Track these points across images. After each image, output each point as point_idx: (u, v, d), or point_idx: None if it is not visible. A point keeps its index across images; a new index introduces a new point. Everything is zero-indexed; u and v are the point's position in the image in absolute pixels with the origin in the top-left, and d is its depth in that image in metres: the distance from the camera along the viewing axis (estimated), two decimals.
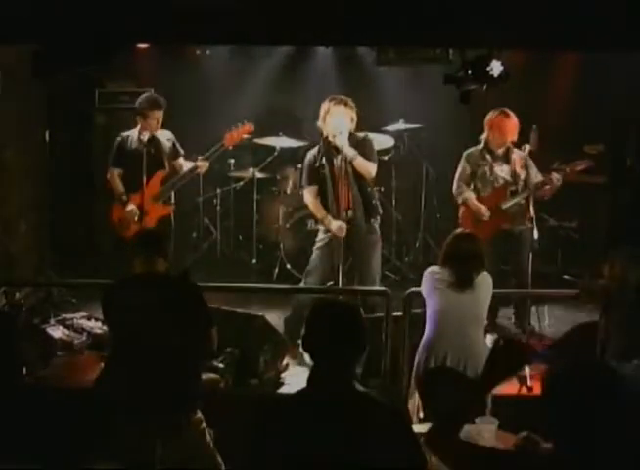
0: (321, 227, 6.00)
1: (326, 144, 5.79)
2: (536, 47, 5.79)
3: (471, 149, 6.22)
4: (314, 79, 8.21)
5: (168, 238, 6.24)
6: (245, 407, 3.98)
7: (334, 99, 5.75)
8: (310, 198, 5.95)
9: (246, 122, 6.50)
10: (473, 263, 4.50)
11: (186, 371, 3.91)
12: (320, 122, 5.77)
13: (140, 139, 6.24)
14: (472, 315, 4.49)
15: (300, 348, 2.81)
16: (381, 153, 6.24)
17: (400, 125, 7.76)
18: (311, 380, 2.77)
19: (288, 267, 7.39)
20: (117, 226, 6.36)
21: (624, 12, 4.17)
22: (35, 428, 4.68)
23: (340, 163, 5.70)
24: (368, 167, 5.79)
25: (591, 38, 4.37)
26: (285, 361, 5.50)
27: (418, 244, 8.01)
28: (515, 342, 3.13)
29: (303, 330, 2.82)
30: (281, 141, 7.88)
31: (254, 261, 7.85)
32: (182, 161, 6.51)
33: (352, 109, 5.75)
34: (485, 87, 4.76)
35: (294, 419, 2.71)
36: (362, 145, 5.80)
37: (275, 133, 7.88)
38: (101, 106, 7.73)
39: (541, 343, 5.72)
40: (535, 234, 5.75)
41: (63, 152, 7.85)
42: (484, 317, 4.58)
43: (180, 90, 7.48)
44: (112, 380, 3.97)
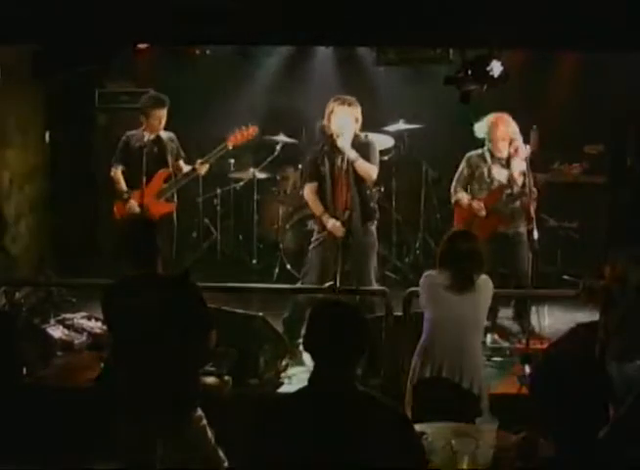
0: (316, 227, 6.02)
1: (329, 143, 5.80)
2: (536, 47, 5.80)
3: (473, 151, 6.22)
4: (314, 80, 8.20)
5: (171, 236, 6.27)
6: (245, 407, 4.00)
7: (338, 99, 5.77)
8: (310, 194, 5.96)
9: (250, 125, 6.51)
10: (471, 263, 4.20)
11: (186, 371, 3.90)
12: (325, 122, 5.79)
13: (144, 138, 6.25)
14: (471, 320, 4.23)
15: (301, 347, 2.81)
16: (381, 153, 6.22)
17: (400, 125, 7.76)
18: (312, 380, 2.77)
19: (288, 267, 7.39)
20: (120, 224, 6.36)
21: (624, 12, 4.17)
22: (35, 428, 4.68)
23: (341, 163, 5.73)
24: (369, 170, 5.79)
25: (591, 38, 4.37)
26: (285, 361, 5.50)
27: (418, 244, 8.01)
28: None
29: (304, 330, 2.82)
30: (281, 141, 7.87)
31: (254, 261, 7.86)
32: (182, 163, 6.51)
33: (357, 109, 5.76)
34: (485, 87, 4.75)
35: (294, 419, 2.71)
36: (365, 147, 5.81)
37: (275, 133, 7.88)
38: (101, 106, 7.74)
39: (541, 343, 5.71)
40: (535, 234, 5.74)
41: (63, 152, 7.85)
42: (484, 323, 4.38)
43: (180, 90, 7.46)
44: (112, 380, 3.98)
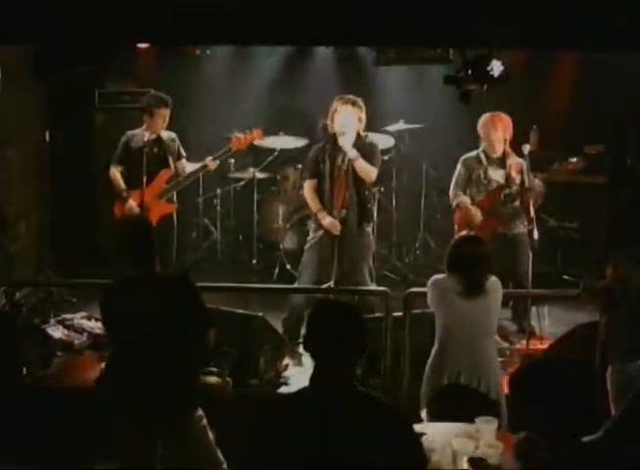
0: (312, 226, 6.04)
1: (331, 142, 5.82)
2: (536, 47, 5.79)
3: (468, 154, 6.23)
4: (314, 79, 8.20)
5: (171, 236, 6.28)
6: (245, 407, 4.00)
7: (341, 99, 5.81)
8: (309, 191, 6.01)
9: (254, 128, 6.54)
10: (481, 268, 4.16)
11: (185, 371, 3.90)
12: (328, 121, 5.84)
13: (145, 138, 6.25)
14: (484, 325, 4.16)
15: (301, 348, 2.82)
16: (381, 153, 6.25)
17: (400, 125, 7.76)
18: (312, 380, 2.77)
19: (288, 267, 7.38)
20: (119, 223, 6.36)
21: (624, 12, 4.17)
22: (35, 428, 4.68)
23: (341, 162, 5.76)
24: (368, 171, 5.81)
25: (591, 38, 4.36)
26: (285, 361, 5.50)
27: (418, 244, 8.01)
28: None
29: (304, 330, 2.82)
30: (281, 141, 7.88)
31: (254, 261, 7.85)
32: (185, 162, 6.52)
33: (360, 109, 5.79)
34: (485, 87, 4.75)
35: (294, 419, 2.71)
36: (366, 148, 5.84)
37: (275, 133, 7.88)
38: (101, 106, 7.73)
39: (541, 343, 5.71)
40: (535, 235, 5.74)
41: (63, 152, 7.84)
42: (496, 325, 4.28)
43: (180, 90, 7.47)
44: (112, 380, 3.98)
